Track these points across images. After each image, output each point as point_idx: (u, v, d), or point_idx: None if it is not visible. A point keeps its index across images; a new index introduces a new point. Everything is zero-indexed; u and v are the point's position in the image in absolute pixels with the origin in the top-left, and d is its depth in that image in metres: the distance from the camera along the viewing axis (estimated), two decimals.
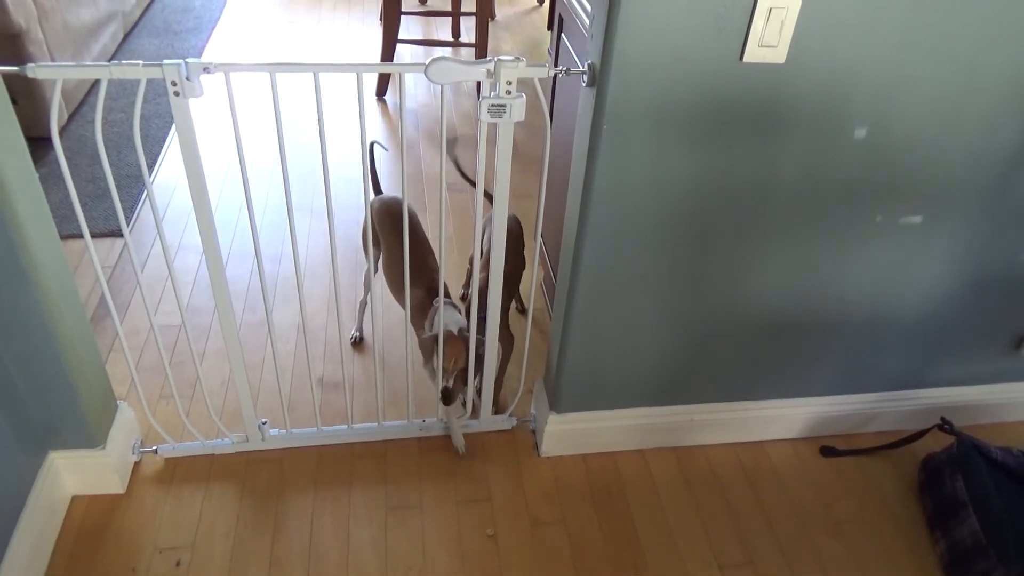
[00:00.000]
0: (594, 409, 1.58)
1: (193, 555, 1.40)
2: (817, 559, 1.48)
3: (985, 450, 1.52)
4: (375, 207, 1.71)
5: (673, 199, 1.28)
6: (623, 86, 1.13)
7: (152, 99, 2.98)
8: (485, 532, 1.48)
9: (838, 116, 1.22)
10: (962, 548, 1.43)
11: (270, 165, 2.62)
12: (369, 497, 1.53)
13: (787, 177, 1.28)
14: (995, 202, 1.38)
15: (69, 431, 1.40)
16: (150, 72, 1.07)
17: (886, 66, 1.17)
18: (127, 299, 2.00)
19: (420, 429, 1.65)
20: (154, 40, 3.55)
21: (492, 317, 1.47)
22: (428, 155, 2.76)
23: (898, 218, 1.37)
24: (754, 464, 1.66)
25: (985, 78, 1.22)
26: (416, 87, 3.27)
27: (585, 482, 1.59)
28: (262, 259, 1.32)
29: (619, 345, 1.48)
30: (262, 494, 1.52)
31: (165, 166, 2.60)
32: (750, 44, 1.11)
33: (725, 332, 1.50)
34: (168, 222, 2.31)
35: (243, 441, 1.59)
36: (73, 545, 1.40)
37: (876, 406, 1.70)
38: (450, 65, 1.09)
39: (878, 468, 1.67)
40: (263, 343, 1.88)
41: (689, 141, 1.21)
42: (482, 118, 1.16)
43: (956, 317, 1.56)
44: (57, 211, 2.24)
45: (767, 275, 1.42)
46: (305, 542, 1.44)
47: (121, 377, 1.75)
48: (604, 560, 1.45)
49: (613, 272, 1.36)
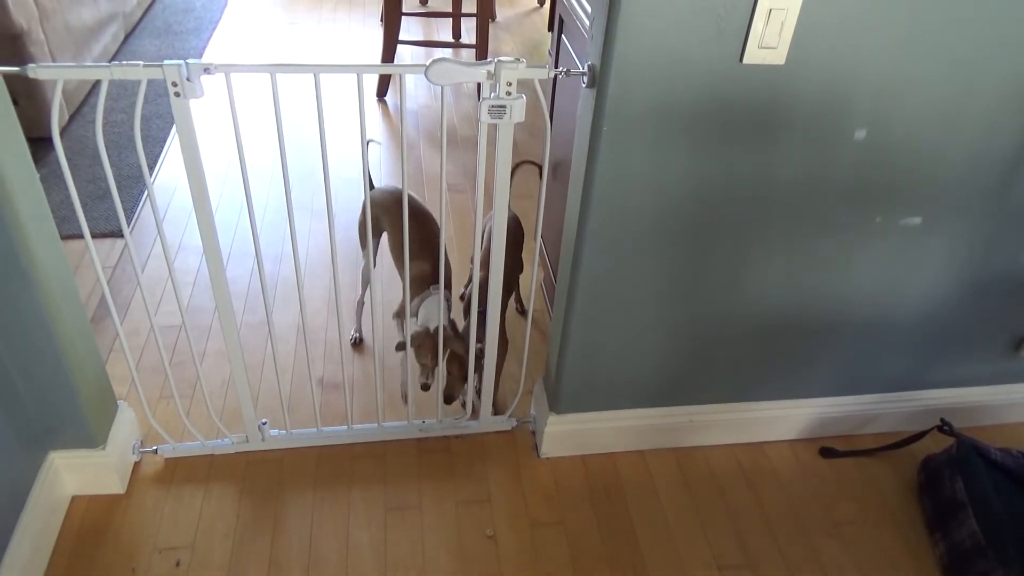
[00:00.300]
0: (594, 410, 1.58)
1: (193, 555, 1.40)
2: (816, 560, 1.48)
3: (985, 451, 1.52)
4: (376, 198, 1.74)
5: (673, 200, 1.28)
6: (623, 87, 1.14)
7: (153, 100, 2.99)
8: (484, 533, 1.48)
9: (838, 117, 1.22)
10: (962, 549, 1.43)
11: (270, 165, 2.63)
12: (369, 498, 1.53)
13: (787, 178, 1.28)
14: (995, 203, 1.38)
15: (69, 431, 1.40)
16: (151, 73, 1.07)
17: (886, 67, 1.17)
18: (127, 299, 2.01)
19: (420, 430, 1.65)
20: (155, 41, 3.55)
21: (492, 318, 1.47)
22: (429, 156, 2.77)
23: (898, 219, 1.37)
24: (753, 465, 1.66)
25: (985, 78, 1.22)
26: (417, 88, 3.28)
27: (585, 483, 1.59)
28: (262, 259, 1.32)
29: (619, 346, 1.48)
30: (262, 494, 1.52)
31: (166, 166, 2.60)
32: (750, 45, 1.11)
33: (725, 333, 1.50)
34: (169, 222, 2.32)
35: (243, 441, 1.59)
36: (73, 545, 1.40)
37: (876, 407, 1.70)
38: (450, 66, 1.10)
39: (878, 469, 1.67)
40: (263, 343, 1.88)
41: (689, 142, 1.21)
42: (482, 119, 1.16)
43: (956, 318, 1.56)
44: (58, 211, 2.25)
45: (767, 276, 1.42)
46: (305, 542, 1.44)
47: (121, 377, 1.75)
48: (603, 561, 1.45)
49: (613, 273, 1.36)
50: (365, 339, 1.91)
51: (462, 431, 1.67)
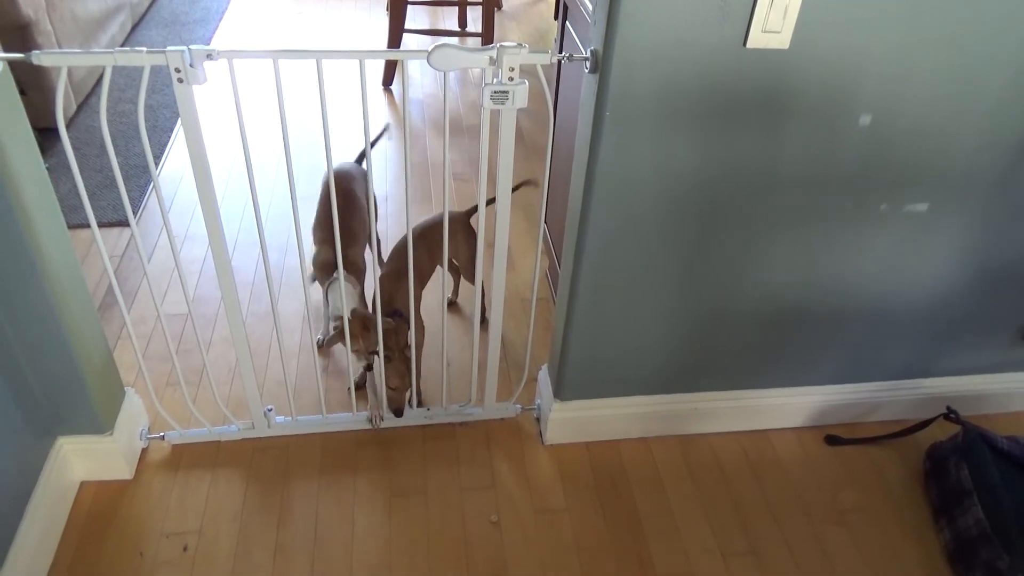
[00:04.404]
0: (598, 397, 1.58)
1: (200, 540, 1.42)
2: (821, 548, 1.48)
3: (991, 439, 1.51)
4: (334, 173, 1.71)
5: (676, 186, 1.27)
6: (626, 72, 1.13)
7: (160, 90, 3.00)
8: (489, 519, 1.49)
9: (843, 102, 1.21)
10: (967, 537, 1.42)
11: (276, 155, 2.63)
12: (373, 484, 1.54)
13: (791, 164, 1.28)
14: (1001, 190, 1.37)
15: (77, 417, 1.41)
16: (154, 59, 1.08)
17: (892, 51, 1.16)
18: (134, 288, 2.02)
19: (424, 417, 1.66)
20: (162, 31, 3.56)
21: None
22: (434, 145, 2.76)
23: (903, 206, 1.36)
24: (758, 453, 1.66)
25: (993, 64, 1.20)
26: (423, 76, 3.27)
27: (589, 470, 1.60)
28: (267, 249, 1.32)
29: (623, 333, 1.48)
30: (268, 480, 1.53)
31: (173, 156, 2.61)
32: (754, 29, 1.10)
33: (729, 320, 1.49)
34: (176, 212, 2.33)
35: (249, 428, 1.60)
36: (81, 530, 1.42)
37: (881, 395, 1.69)
38: (453, 52, 1.09)
39: (883, 457, 1.67)
40: (269, 332, 1.89)
41: (692, 128, 1.21)
42: (485, 104, 1.16)
43: (962, 306, 1.55)
44: (67, 200, 2.26)
45: (771, 263, 1.41)
46: (310, 528, 1.45)
47: (129, 364, 1.76)
48: (607, 547, 1.45)
49: (617, 260, 1.36)
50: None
51: (466, 418, 1.68)
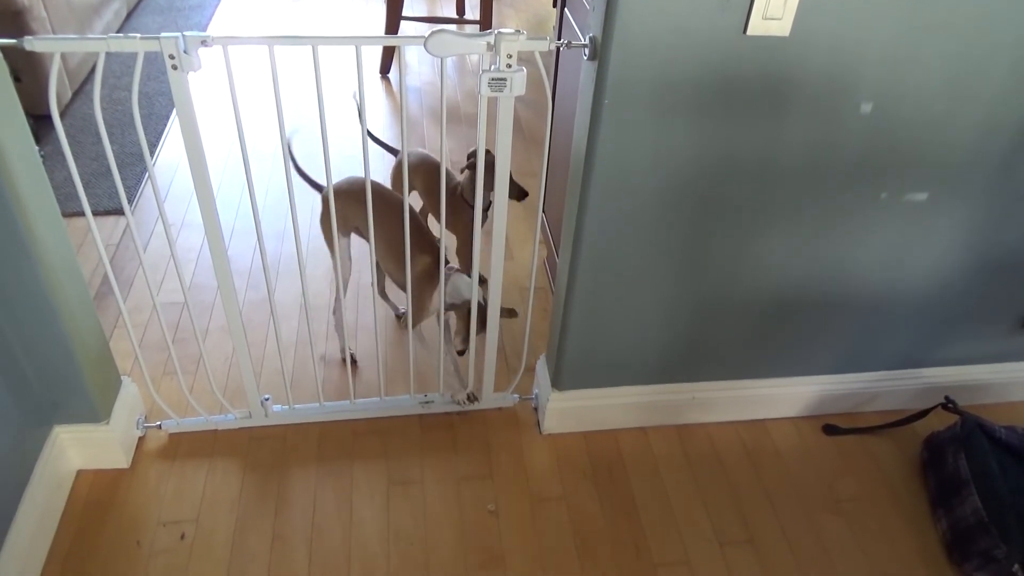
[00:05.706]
0: (596, 387, 1.58)
1: (197, 529, 1.42)
2: (818, 537, 1.48)
3: (989, 429, 1.51)
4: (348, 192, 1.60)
5: (675, 174, 1.27)
6: (624, 59, 1.12)
7: (156, 77, 2.97)
8: (486, 508, 1.49)
9: (844, 90, 1.20)
10: (964, 526, 1.43)
11: (272, 143, 2.62)
12: (371, 472, 1.54)
13: (791, 152, 1.27)
14: (1003, 180, 1.36)
15: (73, 406, 1.41)
16: (147, 45, 1.06)
17: (894, 39, 1.15)
18: (130, 277, 2.01)
19: (422, 405, 1.66)
20: (158, 18, 3.53)
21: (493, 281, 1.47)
22: (432, 134, 2.75)
23: (903, 195, 1.35)
24: (756, 442, 1.66)
25: (995, 52, 1.19)
26: (420, 64, 3.25)
27: (586, 459, 1.60)
28: (263, 237, 1.31)
29: (621, 323, 1.47)
30: (265, 469, 1.53)
31: (169, 144, 2.60)
32: (754, 16, 1.09)
33: (727, 310, 1.49)
34: (172, 200, 2.31)
35: (246, 417, 1.60)
36: (78, 518, 1.42)
37: (879, 385, 1.69)
38: (450, 37, 1.08)
39: (880, 446, 1.67)
40: (266, 320, 1.89)
41: (691, 116, 1.20)
42: (482, 92, 1.15)
43: (961, 295, 1.54)
44: (62, 188, 2.25)
45: (770, 252, 1.41)
46: (308, 517, 1.45)
47: (125, 353, 1.76)
48: (605, 536, 1.45)
49: (615, 249, 1.35)
50: (364, 321, 1.90)
51: (464, 407, 1.67)
